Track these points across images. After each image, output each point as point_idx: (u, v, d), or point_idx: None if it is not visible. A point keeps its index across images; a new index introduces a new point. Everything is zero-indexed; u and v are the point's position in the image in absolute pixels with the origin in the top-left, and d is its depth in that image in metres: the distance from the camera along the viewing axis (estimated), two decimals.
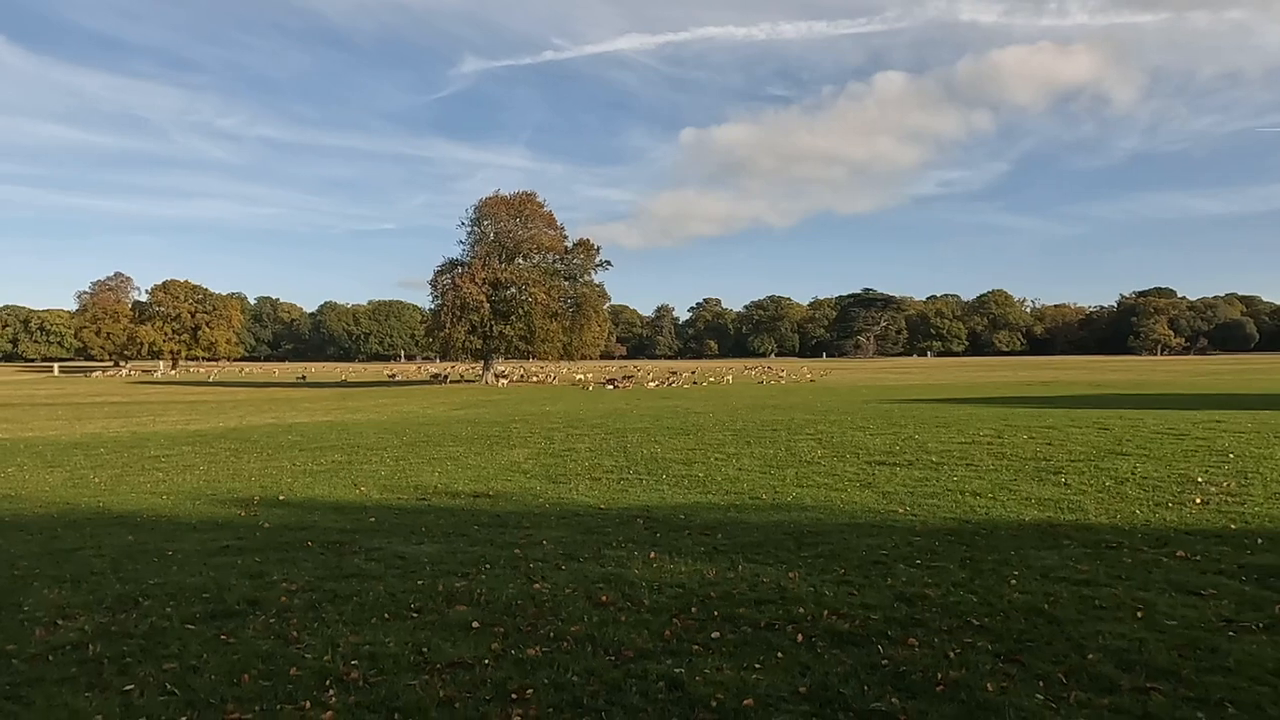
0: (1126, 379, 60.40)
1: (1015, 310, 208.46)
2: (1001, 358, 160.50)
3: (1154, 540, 7.49)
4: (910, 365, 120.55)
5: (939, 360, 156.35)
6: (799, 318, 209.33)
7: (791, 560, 7.39)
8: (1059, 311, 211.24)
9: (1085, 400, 31.81)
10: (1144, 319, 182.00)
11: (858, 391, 47.95)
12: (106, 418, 37.09)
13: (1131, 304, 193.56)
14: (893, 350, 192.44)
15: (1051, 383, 55.60)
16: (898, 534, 8.24)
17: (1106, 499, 9.59)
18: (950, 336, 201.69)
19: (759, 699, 4.38)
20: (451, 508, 11.12)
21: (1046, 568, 6.69)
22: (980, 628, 5.36)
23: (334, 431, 24.60)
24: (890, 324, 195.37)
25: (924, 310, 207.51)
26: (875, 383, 65.00)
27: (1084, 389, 45.74)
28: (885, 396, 39.69)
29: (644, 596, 6.35)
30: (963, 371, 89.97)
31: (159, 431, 27.14)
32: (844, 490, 11.03)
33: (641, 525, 9.36)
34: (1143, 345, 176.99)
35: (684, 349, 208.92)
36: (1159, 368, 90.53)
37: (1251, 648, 4.80)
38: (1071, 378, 66.63)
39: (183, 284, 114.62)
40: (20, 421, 35.63)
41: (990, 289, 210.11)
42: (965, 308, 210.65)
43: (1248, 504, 8.97)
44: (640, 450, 16.87)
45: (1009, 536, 7.91)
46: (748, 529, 8.90)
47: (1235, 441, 14.47)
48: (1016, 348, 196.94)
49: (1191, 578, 6.26)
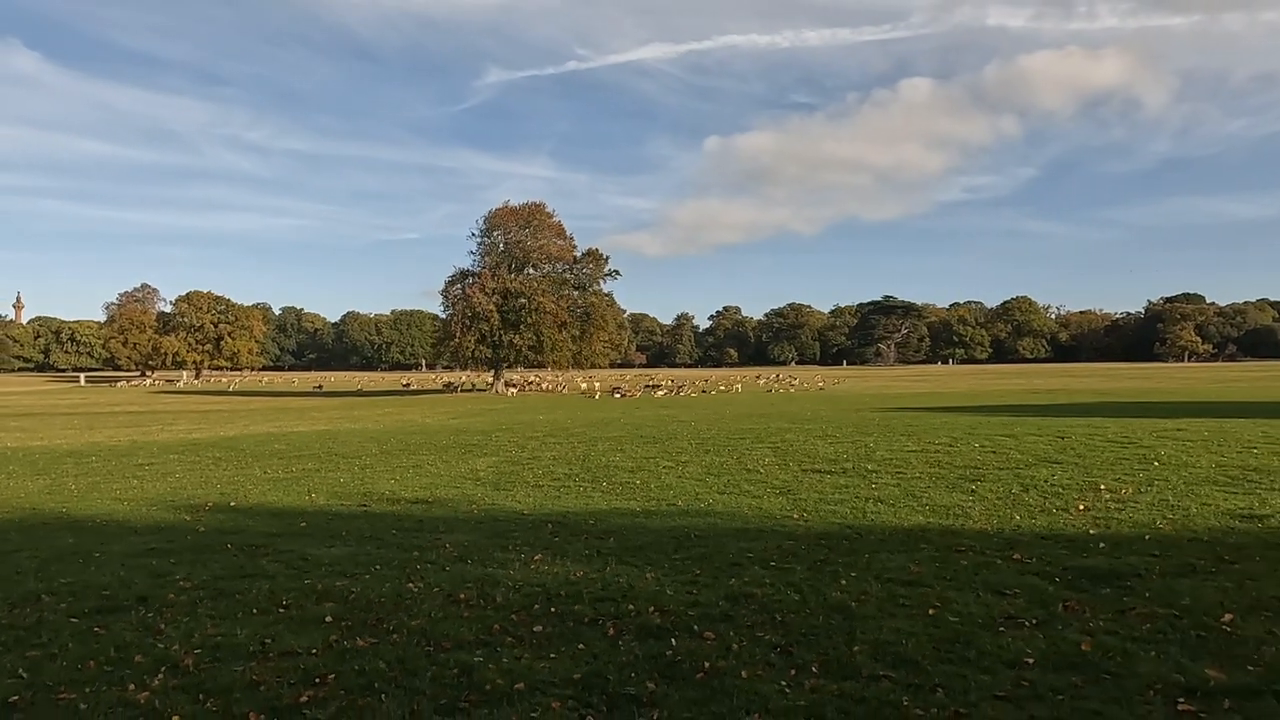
0: (1136, 386, 59.90)
1: (1040, 317, 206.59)
2: (1024, 365, 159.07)
3: (1004, 544, 7.84)
4: (928, 373, 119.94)
5: (959, 368, 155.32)
6: (819, 325, 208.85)
7: (660, 562, 7.81)
8: (1085, 318, 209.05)
9: (1076, 409, 31.78)
10: (1170, 325, 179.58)
11: (859, 400, 48.04)
12: (116, 427, 38.14)
13: (1159, 310, 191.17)
14: (914, 358, 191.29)
15: (1058, 390, 55.29)
16: (777, 538, 8.64)
17: (999, 506, 9.91)
18: (973, 344, 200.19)
19: (531, 684, 4.83)
20: (385, 513, 11.65)
21: (885, 569, 7.07)
22: (779, 623, 5.78)
23: (321, 440, 25.29)
24: (911, 331, 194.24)
25: (946, 317, 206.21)
26: (883, 391, 64.95)
27: (1089, 397, 45.52)
28: (883, 405, 39.81)
29: (499, 595, 6.82)
30: (977, 379, 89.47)
31: (157, 440, 27.99)
32: (760, 497, 11.41)
33: (549, 530, 9.81)
34: (1169, 352, 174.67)
35: (704, 357, 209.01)
36: (1178, 375, 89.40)
37: (1005, 641, 5.18)
38: (1083, 385, 66.15)
39: (205, 295, 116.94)
40: (35, 431, 36.75)
41: (1015, 295, 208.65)
42: (988, 315, 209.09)
43: (1127, 510, 9.26)
44: (599, 458, 17.32)
45: (876, 541, 8.28)
46: (643, 533, 9.33)
47: (1174, 449, 14.66)
48: (1041, 355, 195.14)
49: (1009, 578, 6.62)
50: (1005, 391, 57.08)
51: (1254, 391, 47.14)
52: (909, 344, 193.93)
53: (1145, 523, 8.56)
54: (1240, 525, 8.29)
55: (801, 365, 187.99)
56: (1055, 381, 77.85)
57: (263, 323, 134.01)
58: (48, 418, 47.96)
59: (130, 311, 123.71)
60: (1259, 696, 4.23)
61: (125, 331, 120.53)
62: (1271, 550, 7.19)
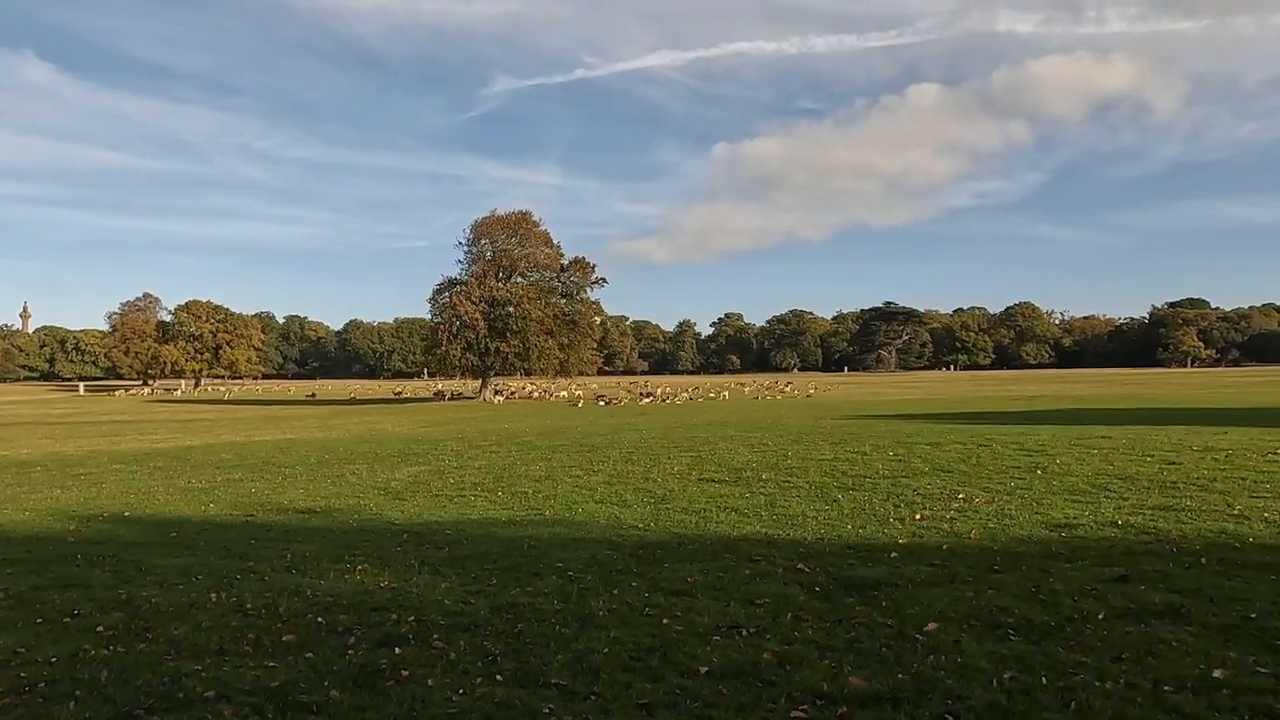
0: (1120, 393, 59.75)
1: (1043, 323, 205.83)
2: (1025, 371, 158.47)
3: (806, 554, 7.96)
4: (925, 379, 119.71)
5: (959, 374, 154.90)
6: (822, 332, 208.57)
7: (470, 572, 7.98)
8: (1088, 324, 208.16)
9: (1036, 416, 31.75)
10: (1173, 331, 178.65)
11: (837, 407, 48.07)
12: (92, 437, 38.55)
13: (1163, 316, 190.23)
14: (916, 364, 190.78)
15: (1039, 397, 55.20)
16: (602, 548, 8.78)
17: (843, 516, 10.01)
18: (976, 350, 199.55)
19: (223, 692, 5.01)
20: (265, 523, 11.84)
21: (666, 580, 7.21)
22: (515, 633, 5.94)
23: (271, 450, 25.55)
24: (913, 338, 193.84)
25: (950, 323, 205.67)
26: (868, 398, 64.95)
27: (1067, 403, 45.44)
28: (854, 412, 39.86)
29: (284, 604, 7.00)
30: (969, 385, 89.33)
31: (116, 450, 28.32)
32: (630, 507, 11.55)
33: (400, 540, 9.97)
34: (1172, 358, 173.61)
35: (706, 364, 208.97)
36: (1173, 381, 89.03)
37: (701, 651, 5.32)
38: (1070, 392, 65.99)
39: (205, 304, 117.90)
40: (10, 440, 37.19)
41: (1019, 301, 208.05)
42: (992, 320, 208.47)
43: (959, 520, 9.36)
44: (519, 468, 17.49)
45: (689, 551, 8.42)
46: (484, 543, 9.49)
47: (1073, 458, 14.71)
48: (1045, 360, 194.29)
49: (773, 588, 6.76)
50: (988, 398, 57.01)
51: (1238, 398, 46.95)
52: (911, 350, 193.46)
53: (960, 533, 8.67)
54: (1045, 535, 8.39)
55: (804, 371, 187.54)
56: (1048, 388, 77.66)
57: (261, 331, 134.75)
58: (31, 427, 48.50)
59: (132, 321, 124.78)
60: (877, 704, 4.37)
61: (127, 340, 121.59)
62: (1042, 559, 7.29)
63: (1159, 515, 9.12)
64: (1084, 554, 7.44)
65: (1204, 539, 7.89)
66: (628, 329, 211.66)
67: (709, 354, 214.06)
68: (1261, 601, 5.79)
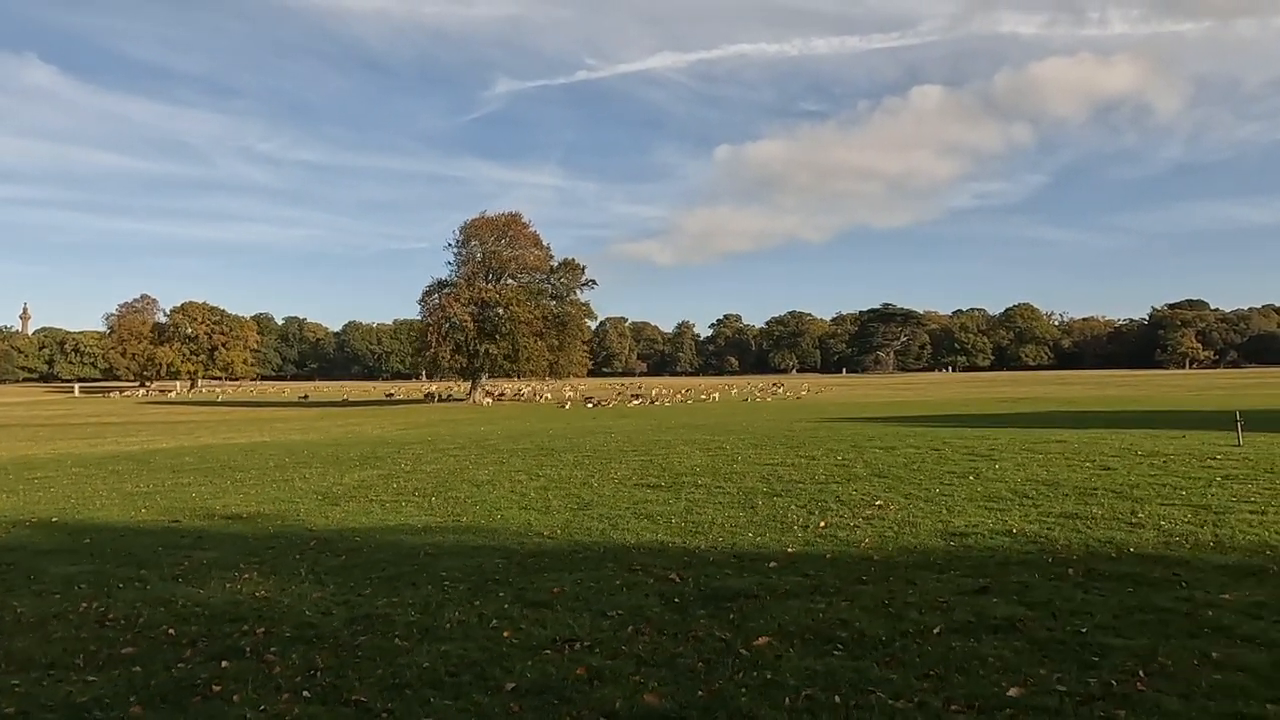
0: (1104, 395, 59.60)
1: (1042, 324, 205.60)
2: (1022, 373, 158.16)
3: (688, 563, 7.88)
4: (919, 381, 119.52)
5: (956, 376, 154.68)
6: (820, 333, 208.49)
7: (350, 580, 7.91)
8: (1087, 325, 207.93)
9: (1005, 419, 31.62)
10: (1171, 332, 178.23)
11: (822, 409, 47.97)
12: (71, 439, 38.54)
13: (1162, 317, 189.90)
14: (914, 365, 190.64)
15: (1026, 399, 55.07)
16: (493, 557, 8.71)
17: (753, 523, 9.92)
18: (975, 351, 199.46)
19: (29, 706, 4.96)
20: (187, 529, 11.76)
21: (535, 590, 7.14)
22: (348, 646, 5.87)
23: (235, 454, 25.51)
24: (911, 339, 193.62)
25: (949, 325, 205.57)
26: (857, 400, 64.85)
27: (1053, 405, 45.31)
28: (833, 415, 39.76)
29: (146, 616, 6.94)
30: (960, 387, 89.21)
31: (84, 454, 28.31)
32: (549, 513, 11.48)
33: (307, 547, 9.91)
34: (1170, 359, 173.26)
35: (705, 365, 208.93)
36: (1167, 383, 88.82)
37: (520, 665, 5.25)
38: (1061, 394, 65.85)
39: (200, 306, 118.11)
40: None
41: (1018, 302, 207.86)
42: (991, 322, 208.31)
43: (863, 528, 9.28)
44: (468, 472, 17.42)
45: (579, 559, 8.34)
46: (386, 550, 9.42)
47: (1012, 464, 14.61)
48: (1044, 362, 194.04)
49: (631, 599, 6.69)
50: (975, 400, 56.89)
51: (1221, 400, 46.79)
52: (909, 352, 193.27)
53: (852, 542, 8.58)
54: (935, 544, 8.30)
55: (802, 373, 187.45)
56: (1040, 390, 77.53)
57: (259, 333, 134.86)
58: (16, 429, 48.51)
59: (129, 322, 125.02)
60: None
61: (124, 342, 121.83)
62: (916, 570, 7.20)
63: (1059, 523, 9.03)
64: (960, 564, 7.36)
65: (1088, 548, 7.79)
66: (626, 330, 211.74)
67: (708, 355, 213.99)
68: (1102, 615, 5.71)
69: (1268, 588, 6.16)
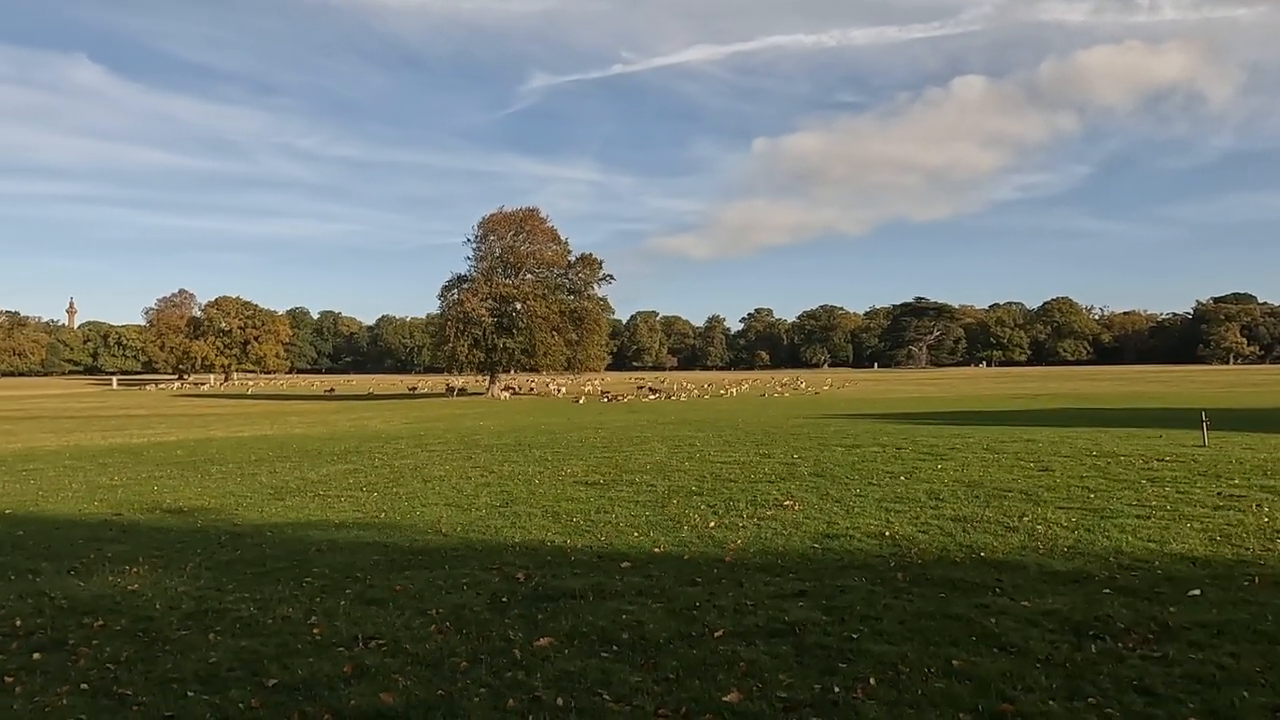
0: (1129, 391, 58.36)
1: (1081, 318, 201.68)
2: (1059, 368, 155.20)
3: (545, 563, 7.99)
4: (948, 376, 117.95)
5: (987, 371, 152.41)
6: (852, 327, 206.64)
7: (230, 575, 8.14)
8: (1128, 319, 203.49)
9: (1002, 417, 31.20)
10: (1214, 327, 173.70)
11: (827, 406, 47.68)
12: (89, 431, 39.61)
13: (1205, 311, 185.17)
14: (948, 360, 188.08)
15: (1040, 396, 54.17)
16: (375, 553, 8.91)
17: (650, 523, 9.99)
18: (1012, 346, 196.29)
19: None
20: (118, 522, 12.09)
21: (380, 588, 7.31)
22: (167, 640, 6.09)
23: (228, 447, 26.11)
24: (944, 334, 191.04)
25: (985, 319, 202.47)
26: (874, 395, 64.29)
27: (1065, 402, 44.56)
28: (836, 411, 39.53)
29: (10, 606, 7.24)
30: (986, 383, 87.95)
31: (87, 446, 29.13)
32: (468, 510, 11.65)
33: (219, 541, 10.19)
34: (1213, 354, 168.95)
35: (735, 359, 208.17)
36: (1200, 379, 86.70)
37: (299, 662, 5.42)
38: (1084, 390, 64.69)
39: (234, 300, 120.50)
40: (11, 434, 38.43)
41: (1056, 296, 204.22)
42: (1028, 316, 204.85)
43: (740, 529, 9.29)
44: (431, 468, 17.64)
45: (452, 557, 8.49)
46: (287, 545, 9.64)
47: (960, 462, 14.50)
48: (1083, 357, 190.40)
49: (464, 598, 6.82)
50: (991, 397, 56.06)
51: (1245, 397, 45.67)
52: (943, 346, 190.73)
53: (722, 542, 8.63)
54: (801, 546, 8.30)
55: (834, 368, 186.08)
56: (1065, 385, 76.18)
57: (291, 327, 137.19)
58: (44, 421, 49.99)
59: (167, 316, 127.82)
60: None
61: (162, 336, 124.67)
62: (752, 572, 7.24)
63: (941, 526, 8.99)
64: (801, 568, 7.37)
65: (942, 553, 7.76)
66: (657, 325, 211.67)
67: (738, 350, 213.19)
68: (889, 620, 5.72)
69: (1071, 596, 6.11)
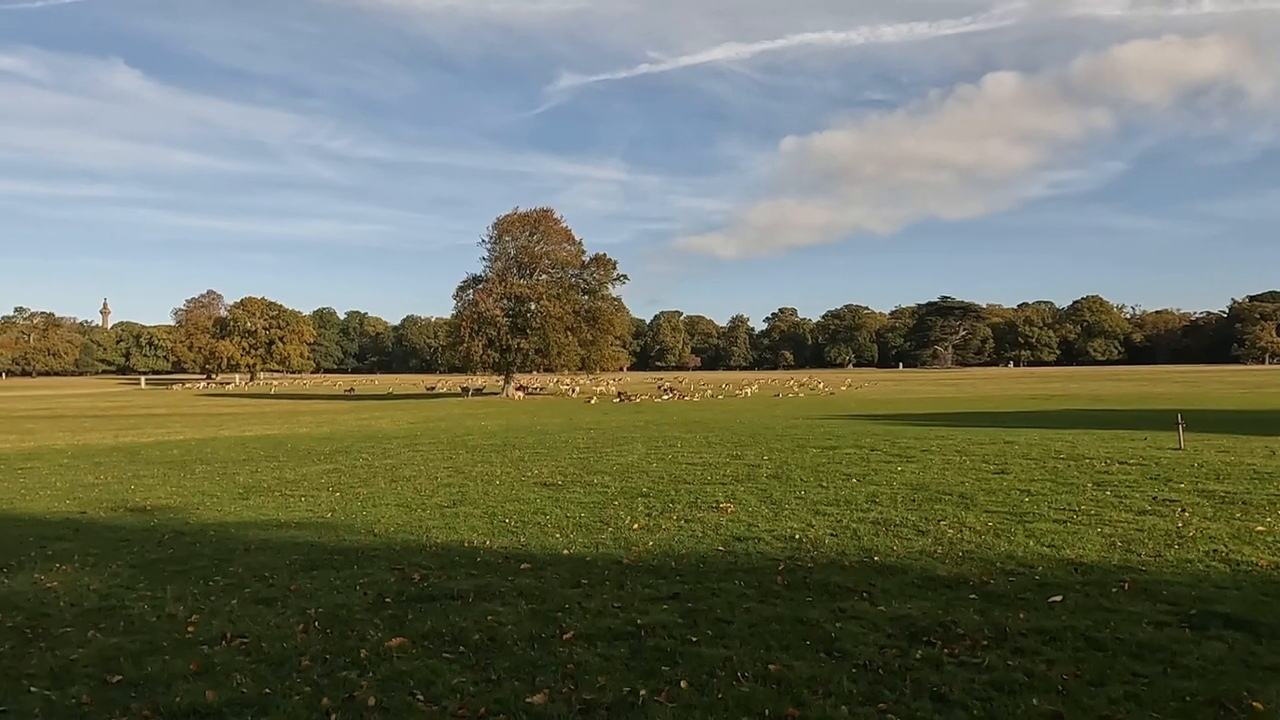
0: (1148, 392, 57.40)
1: (1112, 317, 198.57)
2: (1088, 368, 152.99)
3: (448, 564, 8.09)
4: (971, 377, 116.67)
5: (1010, 371, 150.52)
6: (878, 327, 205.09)
7: (151, 573, 8.30)
8: (1160, 318, 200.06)
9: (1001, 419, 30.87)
10: (1249, 326, 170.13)
11: (835, 407, 47.43)
12: (104, 430, 40.42)
13: (1241, 309, 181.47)
14: (975, 360, 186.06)
15: (1053, 396, 53.47)
16: (300, 552, 9.06)
17: (578, 524, 10.06)
18: (1040, 345, 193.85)
19: None
20: (79, 521, 12.38)
21: (275, 588, 7.44)
22: (46, 635, 6.26)
23: (226, 446, 26.55)
24: (971, 333, 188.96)
25: (1013, 318, 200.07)
26: (887, 396, 63.82)
27: (1079, 403, 43.98)
28: (838, 412, 39.35)
29: None
30: (1007, 384, 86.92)
31: (91, 444, 29.75)
32: (410, 511, 11.77)
33: (159, 540, 10.39)
34: (1248, 354, 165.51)
35: (759, 360, 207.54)
36: (1228, 379, 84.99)
37: (144, 660, 5.56)
38: (1102, 390, 63.74)
39: (259, 301, 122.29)
40: (30, 433, 39.34)
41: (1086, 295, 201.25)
42: (1057, 315, 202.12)
43: (656, 533, 9.31)
44: (404, 469, 17.86)
45: (366, 558, 8.62)
46: (221, 545, 9.82)
47: (921, 465, 14.41)
48: (1114, 357, 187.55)
49: (349, 598, 6.91)
50: (1005, 398, 55.41)
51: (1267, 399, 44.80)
52: (969, 346, 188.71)
53: (633, 544, 8.66)
54: (700, 549, 8.30)
55: (859, 368, 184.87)
56: (1085, 386, 75.09)
57: (316, 327, 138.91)
58: (64, 420, 51.11)
59: (195, 317, 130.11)
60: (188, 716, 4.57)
61: (191, 336, 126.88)
62: (639, 574, 7.27)
63: (862, 529, 8.97)
64: (688, 571, 7.39)
65: (839, 557, 7.75)
66: (680, 324, 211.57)
67: (762, 349, 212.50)
68: (739, 625, 5.73)
69: (934, 601, 6.08)
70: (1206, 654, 4.79)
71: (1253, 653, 4.78)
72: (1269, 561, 6.79)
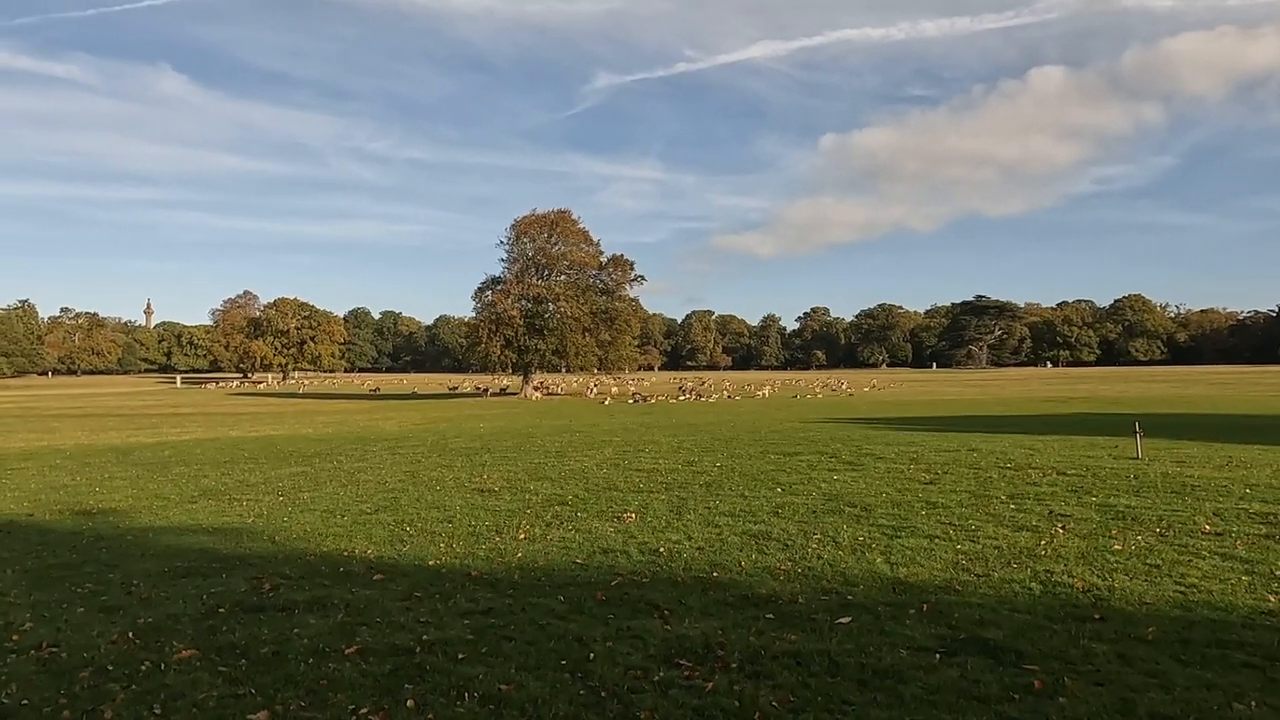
0: (1173, 395, 56.07)
1: (1155, 316, 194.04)
2: (1123, 368, 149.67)
3: (310, 572, 8.25)
4: (1003, 377, 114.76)
5: (1047, 371, 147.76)
6: (912, 326, 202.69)
7: (36, 577, 8.60)
8: (1205, 318, 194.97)
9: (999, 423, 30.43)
10: None
11: (846, 409, 47.07)
12: (123, 429, 41.51)
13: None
14: (1010, 360, 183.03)
15: (1073, 399, 52.49)
16: (188, 558, 9.29)
17: (474, 535, 10.17)
18: (1080, 345, 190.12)
19: None
20: (26, 523, 12.81)
21: (135, 596, 7.67)
22: None
23: (218, 448, 27.14)
24: (1007, 333, 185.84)
25: (1051, 318, 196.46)
26: (908, 398, 63.13)
27: (1098, 406, 43.18)
28: (848, 414, 39.08)
29: None
30: (1035, 385, 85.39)
31: (93, 444, 30.59)
32: (331, 517, 11.97)
33: (78, 544, 10.69)
34: None
35: (791, 359, 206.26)
36: (1264, 382, 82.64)
37: None
38: (1126, 393, 62.42)
39: (292, 301, 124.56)
40: (51, 431, 40.53)
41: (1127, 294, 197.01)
42: (1098, 314, 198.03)
43: (534, 545, 9.41)
44: (363, 473, 18.10)
45: (238, 565, 8.79)
46: (124, 550, 10.09)
47: (860, 473, 14.30)
48: (1155, 357, 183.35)
49: (178, 607, 7.10)
50: (1024, 400, 54.54)
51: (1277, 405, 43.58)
52: (1005, 346, 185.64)
53: (502, 554, 8.76)
54: (561, 561, 8.37)
55: (892, 368, 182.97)
56: (1115, 389, 73.59)
57: (346, 328, 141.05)
58: (89, 419, 52.57)
59: (231, 317, 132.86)
60: None
61: (227, 336, 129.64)
62: (471, 587, 7.35)
63: (733, 541, 8.98)
64: (525, 585, 7.45)
65: (683, 571, 7.76)
66: (711, 324, 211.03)
67: (794, 349, 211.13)
68: (520, 642, 5.80)
69: (725, 620, 6.08)
70: (933, 682, 4.75)
71: (977, 681, 4.73)
72: (1084, 584, 6.66)
